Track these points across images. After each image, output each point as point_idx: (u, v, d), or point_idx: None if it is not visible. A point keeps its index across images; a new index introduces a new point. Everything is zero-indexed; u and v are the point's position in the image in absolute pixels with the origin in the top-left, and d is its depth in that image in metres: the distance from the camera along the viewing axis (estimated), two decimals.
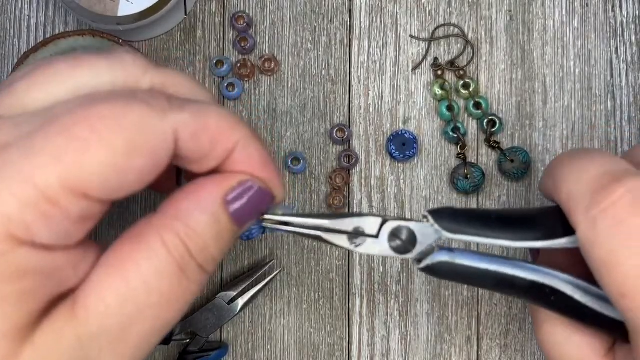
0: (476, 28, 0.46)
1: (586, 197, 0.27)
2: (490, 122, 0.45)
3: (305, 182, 0.46)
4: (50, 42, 0.43)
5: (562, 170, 0.29)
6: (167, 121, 0.24)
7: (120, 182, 0.23)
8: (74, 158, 0.22)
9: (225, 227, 0.25)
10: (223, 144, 0.26)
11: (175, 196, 0.25)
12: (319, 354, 0.45)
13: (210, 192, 0.25)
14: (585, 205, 0.27)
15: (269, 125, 0.46)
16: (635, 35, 0.45)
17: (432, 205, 0.45)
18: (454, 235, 0.29)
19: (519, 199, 0.45)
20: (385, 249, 0.29)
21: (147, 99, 0.24)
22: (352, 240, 0.29)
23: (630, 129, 0.45)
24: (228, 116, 0.26)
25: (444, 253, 0.29)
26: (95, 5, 0.43)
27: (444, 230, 0.29)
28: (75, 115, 0.22)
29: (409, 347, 0.45)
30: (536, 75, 0.46)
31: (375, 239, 0.29)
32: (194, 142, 0.25)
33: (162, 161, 0.24)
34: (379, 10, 0.46)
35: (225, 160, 0.26)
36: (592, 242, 0.27)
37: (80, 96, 0.25)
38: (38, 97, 0.25)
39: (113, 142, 0.22)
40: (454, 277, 0.29)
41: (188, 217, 0.24)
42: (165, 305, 0.24)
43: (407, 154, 0.45)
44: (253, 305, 0.45)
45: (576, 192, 0.28)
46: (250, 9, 0.46)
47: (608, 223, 0.26)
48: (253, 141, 0.27)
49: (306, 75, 0.46)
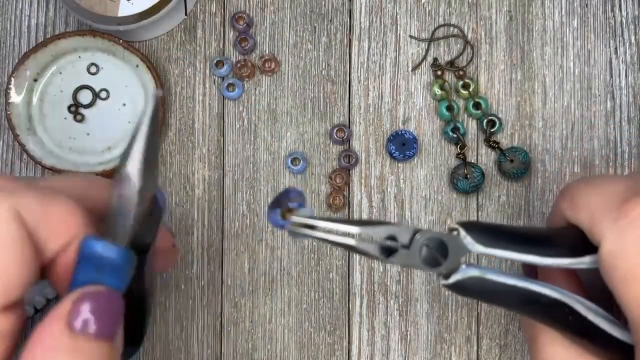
0: (476, 28, 0.46)
1: (612, 210, 0.27)
2: (489, 122, 0.45)
3: (305, 182, 0.46)
4: (51, 42, 0.44)
5: (582, 190, 0.30)
6: (6, 201, 0.23)
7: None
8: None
9: (91, 349, 0.23)
10: (60, 237, 0.24)
11: (27, 349, 0.23)
12: (319, 353, 0.45)
13: (52, 330, 0.23)
14: (613, 217, 0.27)
15: (269, 125, 0.46)
16: (634, 35, 0.46)
17: (432, 205, 0.45)
18: (485, 248, 0.28)
19: (518, 199, 0.45)
20: (416, 261, 0.28)
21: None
22: (384, 251, 0.27)
23: (629, 129, 0.45)
24: (71, 206, 0.25)
25: (473, 268, 0.28)
26: (95, 5, 0.43)
27: (477, 242, 0.28)
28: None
29: (409, 346, 0.45)
30: (536, 76, 0.46)
31: (407, 250, 0.28)
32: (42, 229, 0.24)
33: (17, 243, 0.23)
34: (379, 10, 0.46)
35: (61, 252, 0.25)
36: (618, 253, 0.27)
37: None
38: None
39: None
40: (482, 293, 0.28)
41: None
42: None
43: (407, 154, 0.45)
44: (253, 305, 0.45)
45: (601, 206, 0.28)
46: (251, 9, 0.47)
47: (638, 233, 0.26)
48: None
49: (306, 75, 0.46)
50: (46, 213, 0.24)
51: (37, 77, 0.44)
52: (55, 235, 0.24)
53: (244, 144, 0.46)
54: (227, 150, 0.46)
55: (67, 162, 0.44)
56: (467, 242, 0.28)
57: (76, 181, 0.28)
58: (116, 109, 0.45)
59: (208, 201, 0.46)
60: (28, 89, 0.44)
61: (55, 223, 0.24)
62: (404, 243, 0.27)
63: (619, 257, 0.27)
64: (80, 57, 0.45)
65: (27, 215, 0.23)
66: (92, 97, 0.45)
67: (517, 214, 0.45)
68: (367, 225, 0.27)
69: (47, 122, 0.45)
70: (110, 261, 0.24)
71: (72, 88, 0.45)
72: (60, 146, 0.45)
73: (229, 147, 0.46)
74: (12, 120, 0.43)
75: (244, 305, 0.45)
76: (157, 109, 0.25)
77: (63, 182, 0.27)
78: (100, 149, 0.45)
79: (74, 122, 0.45)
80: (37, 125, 0.44)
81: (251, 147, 0.46)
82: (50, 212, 0.24)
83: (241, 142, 0.46)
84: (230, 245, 0.46)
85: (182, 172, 0.46)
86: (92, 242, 0.24)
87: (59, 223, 0.24)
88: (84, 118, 0.45)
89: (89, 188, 0.28)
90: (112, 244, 0.24)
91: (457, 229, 0.29)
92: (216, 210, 0.46)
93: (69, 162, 0.44)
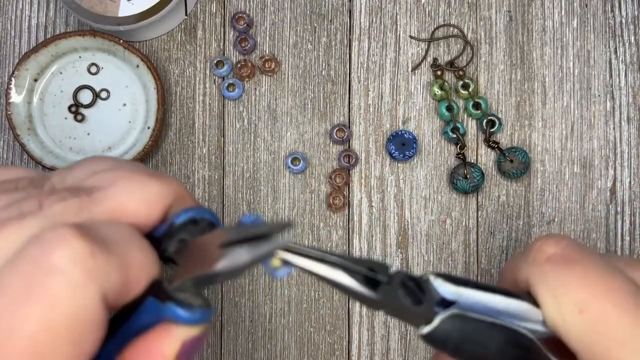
0: (475, 28, 0.46)
1: (527, 255, 0.29)
2: (489, 122, 0.45)
3: (305, 182, 0.46)
4: (51, 42, 0.44)
5: (505, 267, 0.31)
6: (95, 288, 0.21)
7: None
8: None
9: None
10: (132, 293, 0.24)
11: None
12: (319, 353, 0.45)
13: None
14: (529, 260, 0.29)
15: (269, 125, 0.46)
16: (634, 35, 0.46)
17: (432, 205, 0.45)
18: (457, 287, 0.28)
19: (518, 199, 0.45)
20: (398, 297, 0.27)
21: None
22: (368, 282, 0.27)
23: (629, 129, 0.45)
24: (144, 256, 0.24)
25: (452, 308, 0.28)
26: (96, 5, 0.43)
27: (447, 281, 0.28)
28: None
29: (409, 346, 0.45)
30: (535, 76, 0.46)
31: (388, 286, 0.27)
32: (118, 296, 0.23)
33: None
34: (379, 10, 0.46)
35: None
36: (559, 319, 0.27)
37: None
38: None
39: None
40: (464, 336, 0.28)
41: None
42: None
43: (406, 154, 0.45)
44: (253, 304, 0.45)
45: (519, 259, 0.30)
46: (251, 9, 0.47)
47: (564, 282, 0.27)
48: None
49: (306, 76, 0.46)
50: (127, 279, 0.23)
51: (38, 77, 0.44)
52: (130, 292, 0.24)
53: (244, 144, 0.46)
54: (227, 150, 0.46)
55: (68, 162, 0.44)
56: (437, 284, 0.28)
57: (163, 192, 0.26)
58: (116, 109, 0.45)
59: (208, 201, 0.46)
60: (28, 89, 0.44)
61: (132, 281, 0.23)
62: (384, 279, 0.27)
63: (564, 326, 0.27)
64: (81, 57, 0.45)
65: (111, 293, 0.22)
66: (93, 97, 0.45)
67: (516, 214, 0.45)
68: (347, 260, 0.27)
69: (47, 122, 0.45)
70: (193, 321, 0.24)
71: (72, 88, 0.45)
72: (60, 146, 0.45)
73: (229, 147, 0.46)
74: (13, 120, 0.44)
75: (244, 305, 0.45)
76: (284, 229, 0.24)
77: (136, 204, 0.25)
78: (101, 149, 0.45)
79: (74, 122, 0.45)
80: (38, 125, 0.45)
81: (251, 147, 0.46)
82: (129, 275, 0.23)
83: (241, 142, 0.46)
84: None
85: (182, 172, 0.46)
86: (175, 308, 0.23)
87: (135, 280, 0.23)
88: (84, 118, 0.45)
89: (176, 199, 0.26)
90: (197, 310, 0.24)
91: (425, 275, 0.29)
92: (216, 210, 0.46)
93: (69, 162, 0.44)
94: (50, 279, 0.21)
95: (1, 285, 0.21)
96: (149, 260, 0.24)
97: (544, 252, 0.28)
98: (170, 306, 0.23)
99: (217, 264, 0.23)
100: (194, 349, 0.24)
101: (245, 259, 0.23)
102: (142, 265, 0.24)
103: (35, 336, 0.20)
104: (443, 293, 0.28)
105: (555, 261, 0.28)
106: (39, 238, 0.22)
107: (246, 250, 0.23)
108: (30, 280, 0.21)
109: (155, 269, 0.25)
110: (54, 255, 0.21)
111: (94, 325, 0.22)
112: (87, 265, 0.21)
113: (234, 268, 0.23)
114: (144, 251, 0.24)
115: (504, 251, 0.45)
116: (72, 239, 0.21)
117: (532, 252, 0.29)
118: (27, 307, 0.20)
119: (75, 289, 0.21)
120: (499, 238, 0.45)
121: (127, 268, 0.23)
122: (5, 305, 0.21)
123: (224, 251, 0.23)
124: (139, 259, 0.23)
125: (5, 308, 0.21)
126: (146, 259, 0.24)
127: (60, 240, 0.21)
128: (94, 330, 0.22)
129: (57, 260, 0.21)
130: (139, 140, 0.44)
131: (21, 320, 0.20)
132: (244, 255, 0.23)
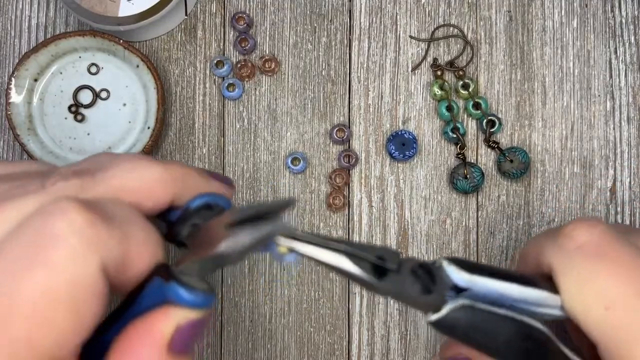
0: (475, 28, 0.46)
1: (555, 238, 0.28)
2: (489, 122, 0.45)
3: (305, 182, 0.46)
4: (51, 42, 0.44)
5: (529, 243, 0.31)
6: (94, 258, 0.22)
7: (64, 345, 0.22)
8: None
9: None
10: (135, 270, 0.24)
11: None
12: (319, 353, 0.45)
13: (151, 350, 0.23)
14: (557, 244, 0.28)
15: (269, 125, 0.46)
16: (634, 35, 0.46)
17: (432, 205, 0.45)
18: (471, 275, 0.27)
19: (518, 199, 0.45)
20: (406, 286, 0.27)
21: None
22: (375, 271, 0.27)
23: (629, 129, 0.45)
24: (147, 234, 0.24)
25: (462, 298, 0.27)
26: (96, 5, 0.43)
27: (461, 269, 0.27)
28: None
29: (409, 346, 0.45)
30: (535, 76, 0.46)
31: (397, 274, 0.27)
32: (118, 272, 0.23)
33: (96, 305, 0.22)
34: (379, 10, 0.46)
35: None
36: (578, 302, 0.27)
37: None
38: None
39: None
40: (472, 327, 0.27)
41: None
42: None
43: (406, 154, 0.45)
44: (253, 304, 0.45)
45: (546, 241, 0.29)
46: (251, 9, 0.47)
47: (590, 271, 0.27)
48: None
49: (306, 76, 0.46)
50: (127, 253, 0.23)
51: (38, 77, 0.44)
52: (131, 269, 0.24)
53: (244, 144, 0.46)
54: (227, 150, 0.46)
55: (68, 162, 0.44)
56: (450, 271, 0.28)
57: (166, 174, 0.26)
58: (116, 109, 0.45)
59: None
60: (28, 89, 0.44)
61: (133, 258, 0.24)
62: (393, 267, 0.27)
63: (580, 307, 0.27)
64: (81, 57, 0.45)
65: (111, 265, 0.23)
66: (93, 97, 0.45)
67: (516, 214, 0.45)
68: (355, 247, 0.27)
69: (47, 122, 0.45)
70: (194, 304, 0.24)
71: (72, 88, 0.45)
72: (60, 146, 0.45)
73: (229, 147, 0.46)
74: (13, 120, 0.44)
75: (244, 305, 0.45)
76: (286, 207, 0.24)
77: (137, 182, 0.26)
78: (101, 149, 0.45)
79: (74, 122, 0.45)
80: (38, 125, 0.45)
81: (251, 147, 0.46)
82: (130, 250, 0.23)
83: (241, 142, 0.46)
84: None
85: None
86: (178, 288, 0.23)
87: (137, 257, 0.24)
88: (84, 118, 0.45)
89: (183, 181, 0.27)
90: (200, 293, 0.24)
91: (438, 260, 0.28)
92: None
93: (69, 162, 0.44)
94: (50, 247, 0.21)
95: (3, 253, 0.21)
96: (152, 240, 0.24)
97: (575, 239, 0.27)
98: (173, 286, 0.23)
99: (219, 246, 0.23)
100: (192, 335, 0.24)
101: (246, 241, 0.23)
102: (144, 242, 0.24)
103: (35, 301, 0.21)
104: (456, 280, 0.28)
105: (586, 251, 0.27)
106: (40, 210, 0.22)
107: (247, 232, 0.23)
108: (31, 248, 0.21)
109: (159, 250, 0.25)
110: (54, 225, 0.21)
111: (94, 295, 0.22)
112: (86, 235, 0.22)
113: (236, 250, 0.23)
114: (146, 230, 0.24)
115: (504, 251, 0.45)
116: (73, 209, 0.22)
117: (561, 236, 0.28)
118: (28, 273, 0.21)
119: (74, 257, 0.21)
120: (499, 238, 0.45)
121: (127, 242, 0.23)
122: (7, 272, 0.21)
123: (227, 234, 0.23)
124: (140, 236, 0.24)
125: (7, 275, 0.21)
126: (148, 237, 0.24)
127: (61, 211, 0.22)
128: (94, 300, 0.22)
129: (58, 230, 0.21)
130: (139, 140, 0.44)
131: (22, 286, 0.21)
132: (245, 237, 0.23)
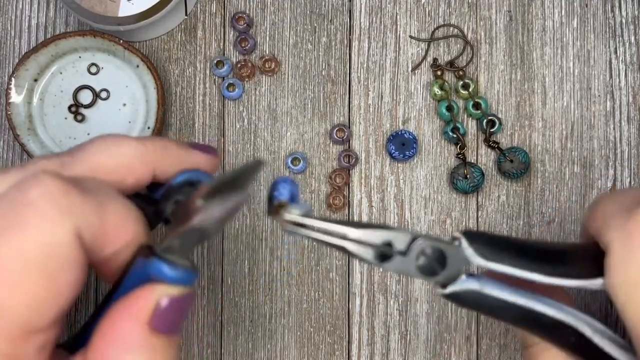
0: (475, 28, 0.46)
1: (622, 214, 0.26)
2: (489, 122, 0.45)
3: (305, 182, 0.46)
4: (51, 42, 0.44)
5: (600, 201, 0.29)
6: (68, 224, 0.22)
7: (45, 311, 0.22)
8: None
9: (166, 344, 0.24)
10: (114, 245, 0.24)
11: (96, 342, 0.23)
12: (318, 353, 0.45)
13: (132, 330, 0.23)
14: (621, 221, 0.26)
15: (269, 125, 0.46)
16: (634, 35, 0.46)
17: (432, 205, 0.45)
18: (487, 262, 0.27)
19: (518, 199, 0.45)
20: (411, 268, 0.26)
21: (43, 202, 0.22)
22: (378, 256, 0.26)
23: (629, 129, 0.45)
24: (126, 211, 0.25)
25: (473, 281, 0.27)
26: (96, 5, 0.43)
27: (478, 255, 0.27)
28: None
29: (409, 346, 0.45)
30: (535, 76, 0.46)
31: (403, 257, 0.26)
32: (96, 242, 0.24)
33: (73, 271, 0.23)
34: (379, 10, 0.46)
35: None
36: (625, 259, 0.25)
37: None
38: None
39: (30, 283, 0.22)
40: (479, 307, 0.27)
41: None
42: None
43: (406, 154, 0.45)
44: (253, 304, 0.45)
45: (612, 210, 0.27)
46: (251, 9, 0.47)
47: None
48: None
49: (306, 76, 0.46)
50: (103, 224, 0.24)
51: (38, 77, 0.44)
52: (109, 244, 0.24)
53: (244, 144, 0.46)
54: (227, 150, 0.46)
55: None
56: (468, 254, 0.27)
57: (142, 150, 0.27)
58: (116, 109, 0.45)
59: None
60: (28, 89, 0.44)
61: (110, 231, 0.24)
62: (401, 249, 0.27)
63: (623, 265, 0.25)
64: (81, 57, 0.45)
65: (86, 233, 0.23)
66: (93, 97, 0.45)
67: (516, 214, 0.45)
68: (365, 228, 0.26)
69: (47, 122, 0.45)
70: (176, 279, 0.24)
71: (72, 88, 0.45)
72: (60, 146, 0.45)
73: (229, 147, 0.46)
74: (13, 120, 0.44)
75: (244, 305, 0.45)
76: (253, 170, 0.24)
77: (114, 159, 0.26)
78: None
79: (74, 122, 0.45)
80: (38, 125, 0.45)
81: (251, 147, 0.46)
82: (106, 222, 0.24)
83: (241, 142, 0.46)
84: (230, 245, 0.46)
85: None
86: (159, 264, 0.24)
87: (114, 231, 0.24)
88: (84, 118, 0.45)
89: (162, 155, 0.27)
90: (181, 269, 0.24)
91: (459, 238, 0.27)
92: None
93: None
94: (24, 212, 0.22)
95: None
96: (131, 216, 0.25)
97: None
98: (154, 262, 0.24)
99: (192, 220, 0.23)
100: (175, 313, 0.24)
101: (217, 213, 0.23)
102: (121, 216, 0.24)
103: (8, 264, 0.21)
104: (472, 262, 0.27)
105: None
106: (18, 183, 0.23)
107: (218, 204, 0.23)
108: (6, 215, 0.22)
109: (140, 229, 0.25)
110: (29, 193, 0.22)
111: (69, 262, 0.22)
112: (60, 202, 0.22)
113: (210, 222, 0.23)
114: (124, 205, 0.25)
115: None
116: (48, 179, 0.23)
117: (633, 222, 0.26)
118: (1, 238, 0.22)
119: (47, 222, 0.22)
120: None
121: (103, 211, 0.24)
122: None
123: (200, 207, 0.23)
124: (117, 208, 0.24)
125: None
126: (127, 213, 0.25)
127: (36, 181, 0.23)
128: (68, 267, 0.22)
129: (32, 197, 0.22)
130: None
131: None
132: (217, 208, 0.23)
